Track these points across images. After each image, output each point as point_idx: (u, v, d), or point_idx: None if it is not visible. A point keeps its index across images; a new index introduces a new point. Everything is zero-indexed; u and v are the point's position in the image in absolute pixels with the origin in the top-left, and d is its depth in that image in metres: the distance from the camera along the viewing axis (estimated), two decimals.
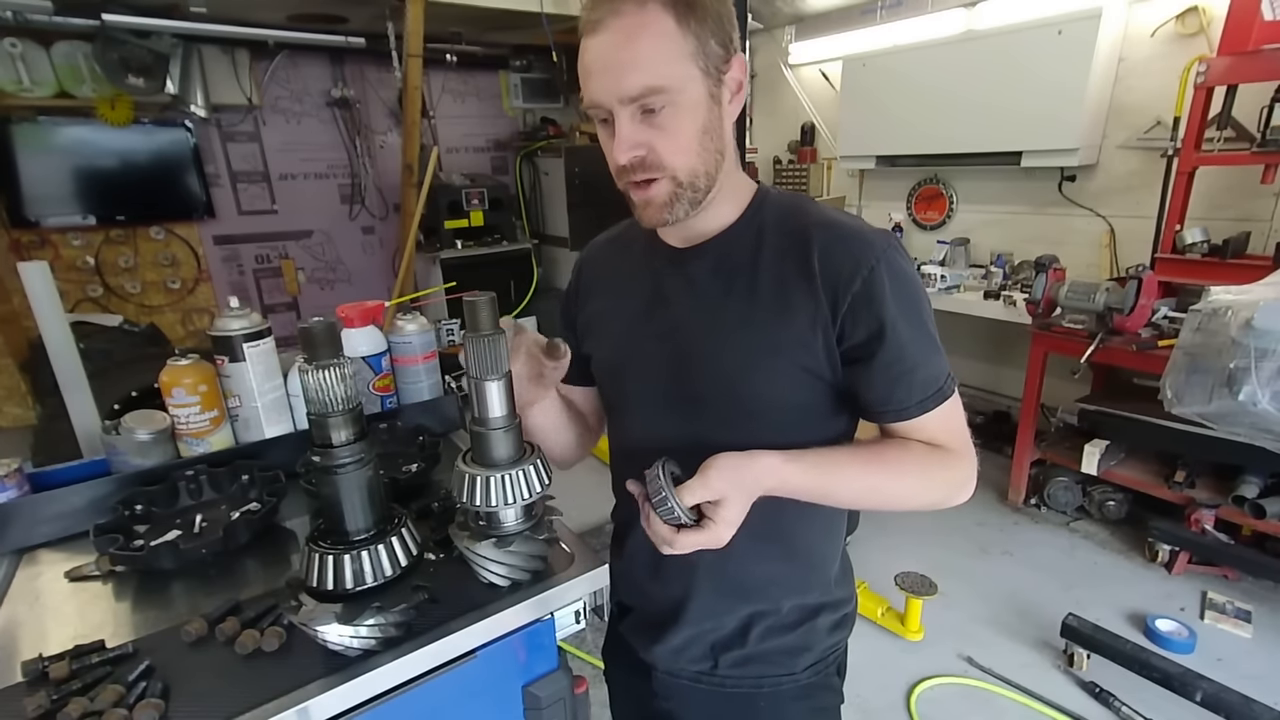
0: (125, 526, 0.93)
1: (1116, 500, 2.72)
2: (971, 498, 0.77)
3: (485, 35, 4.52)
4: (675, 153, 0.69)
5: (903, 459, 0.73)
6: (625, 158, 0.69)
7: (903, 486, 0.73)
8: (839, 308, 0.70)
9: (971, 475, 0.76)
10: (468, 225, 4.65)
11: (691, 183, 0.71)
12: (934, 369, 0.73)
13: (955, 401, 0.75)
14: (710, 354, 0.76)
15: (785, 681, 0.85)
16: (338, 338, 0.67)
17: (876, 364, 0.71)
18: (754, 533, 0.80)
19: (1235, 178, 2.55)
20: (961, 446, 0.76)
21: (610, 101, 0.67)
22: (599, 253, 0.94)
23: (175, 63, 3.79)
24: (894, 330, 0.70)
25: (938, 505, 0.76)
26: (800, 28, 4.05)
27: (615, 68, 0.65)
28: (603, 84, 0.66)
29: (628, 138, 0.68)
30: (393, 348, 1.25)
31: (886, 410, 0.74)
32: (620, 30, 0.64)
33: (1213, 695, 1.75)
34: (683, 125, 0.68)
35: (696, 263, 0.79)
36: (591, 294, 0.92)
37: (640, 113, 0.67)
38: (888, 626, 2.22)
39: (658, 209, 0.72)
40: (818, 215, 0.75)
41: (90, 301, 4.15)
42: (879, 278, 0.69)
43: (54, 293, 1.13)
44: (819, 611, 0.86)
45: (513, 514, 0.76)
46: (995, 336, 3.42)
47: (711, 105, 0.69)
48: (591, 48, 0.66)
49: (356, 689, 0.66)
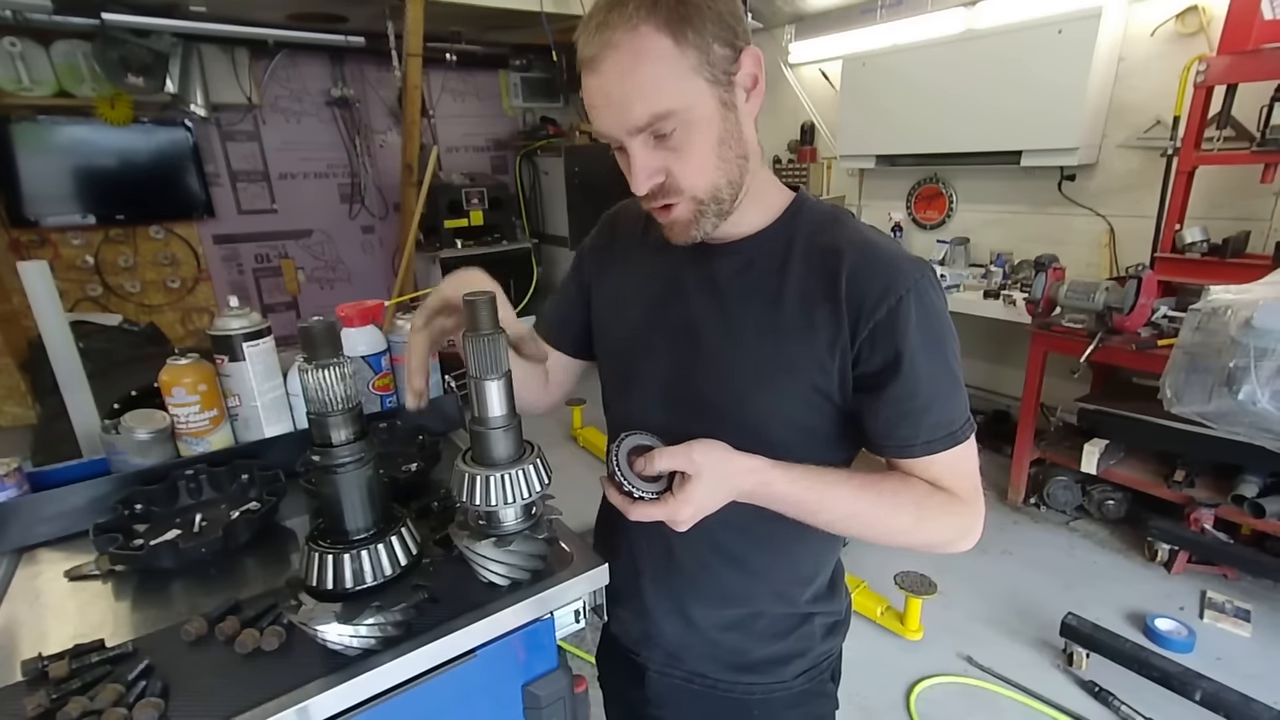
0: (125, 526, 0.93)
1: (1116, 499, 2.72)
2: None
3: (485, 35, 4.52)
4: (692, 174, 0.67)
5: (900, 493, 0.70)
6: (644, 187, 0.68)
7: (895, 521, 0.70)
8: (859, 332, 0.68)
9: (975, 525, 0.73)
10: (467, 225, 4.65)
11: (714, 197, 0.69)
12: (950, 411, 0.70)
13: (968, 446, 0.72)
14: (721, 357, 0.74)
15: (778, 689, 0.85)
16: (337, 337, 0.67)
17: (887, 395, 0.69)
18: (749, 539, 0.80)
19: (1235, 177, 2.55)
20: (968, 494, 0.72)
21: (619, 134, 0.66)
22: (631, 220, 0.90)
23: (175, 62, 3.79)
24: (911, 364, 0.67)
25: (933, 549, 0.73)
26: (800, 27, 4.05)
27: (619, 102, 0.63)
28: (609, 118, 0.65)
29: (644, 166, 0.66)
30: (393, 347, 1.25)
31: (888, 445, 0.71)
32: (617, 64, 0.62)
33: (1212, 694, 1.75)
34: (697, 144, 0.66)
35: (721, 261, 0.77)
36: (614, 261, 0.89)
37: (652, 139, 0.66)
38: (887, 626, 2.22)
39: (683, 228, 0.71)
40: (854, 233, 0.72)
41: (90, 301, 4.16)
42: (906, 308, 0.67)
43: (54, 292, 1.12)
44: (811, 618, 0.85)
45: (512, 513, 0.76)
46: (995, 336, 3.42)
47: (725, 114, 0.67)
48: (593, 85, 0.65)
49: (356, 688, 0.66)
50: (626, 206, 0.91)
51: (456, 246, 4.60)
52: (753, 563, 0.81)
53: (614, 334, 0.86)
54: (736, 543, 0.80)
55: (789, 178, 4.15)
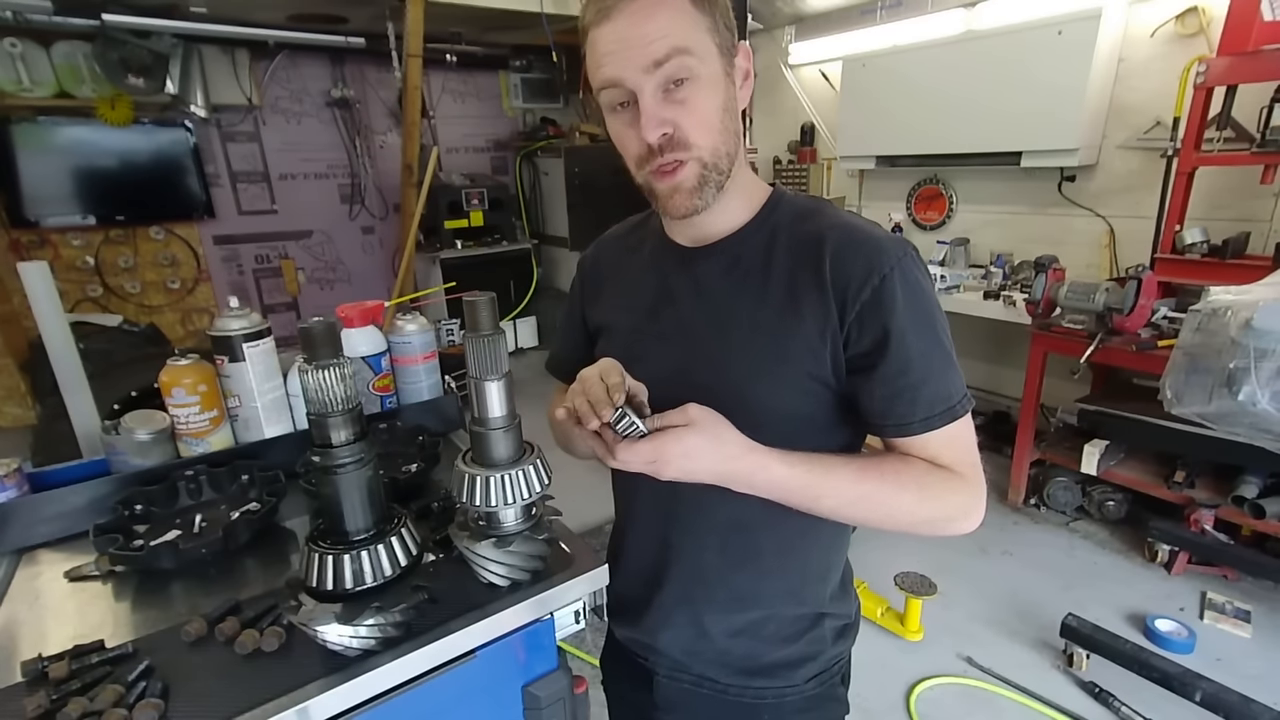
0: (125, 526, 0.93)
1: (1116, 500, 2.72)
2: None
3: (485, 35, 4.52)
4: (701, 129, 0.67)
5: (901, 473, 0.70)
6: (654, 134, 0.66)
7: (898, 501, 0.69)
8: (846, 314, 0.68)
9: (978, 504, 0.72)
10: (468, 225, 4.66)
11: (716, 164, 0.69)
12: (945, 386, 0.69)
13: (966, 423, 0.71)
14: (716, 356, 0.74)
15: (789, 693, 0.83)
16: (337, 338, 0.67)
17: (879, 375, 0.68)
18: (759, 536, 0.79)
19: (1235, 178, 2.55)
20: (969, 471, 0.72)
21: (633, 75, 0.64)
22: (608, 251, 0.92)
23: (175, 63, 3.79)
24: (901, 341, 0.67)
25: (936, 529, 0.72)
26: (800, 28, 4.05)
27: (637, 41, 0.63)
28: (624, 59, 0.64)
29: (654, 115, 0.65)
30: (392, 348, 1.25)
31: (887, 424, 0.71)
32: (637, 10, 0.63)
33: (1212, 695, 1.75)
34: (706, 100, 0.67)
35: (706, 263, 0.77)
36: (601, 292, 0.89)
37: (662, 91, 0.65)
38: (887, 626, 2.22)
39: (687, 194, 0.70)
40: (833, 219, 0.73)
41: (90, 301, 4.16)
42: (891, 286, 0.67)
43: (54, 293, 1.12)
44: (822, 620, 0.84)
45: (512, 514, 0.76)
46: (995, 336, 3.42)
47: (728, 84, 0.69)
48: (607, 32, 0.65)
49: (356, 689, 0.66)
50: (600, 239, 0.93)
51: (456, 247, 4.60)
52: (764, 561, 0.80)
53: (610, 349, 0.84)
54: (747, 542, 0.80)
55: (789, 178, 4.18)
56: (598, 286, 0.90)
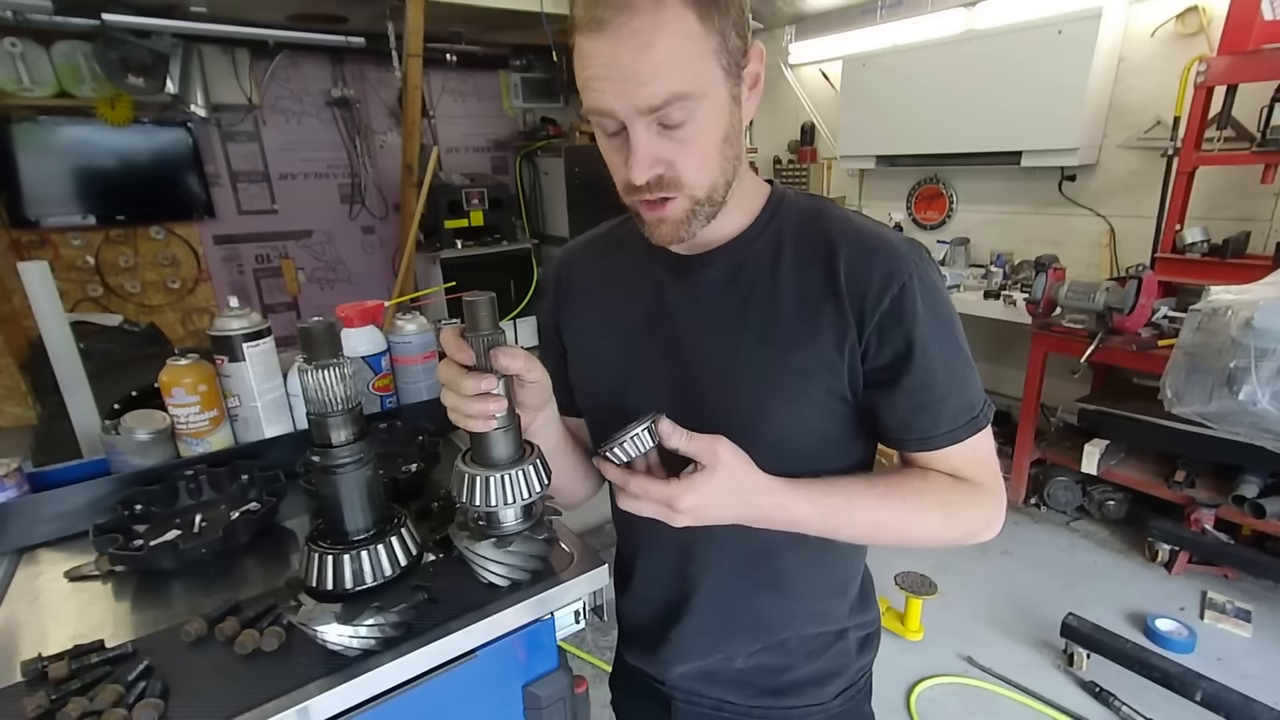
0: (125, 526, 0.93)
1: (1116, 500, 2.72)
2: None
3: (485, 35, 4.52)
4: (696, 169, 0.61)
5: (924, 492, 0.66)
6: (644, 177, 0.60)
7: (923, 523, 0.66)
8: (865, 326, 0.64)
9: (999, 513, 0.70)
10: (468, 225, 4.65)
11: (710, 197, 0.63)
12: (967, 397, 0.67)
13: (987, 432, 0.68)
14: (724, 376, 0.69)
15: (816, 712, 0.80)
16: (337, 337, 0.67)
17: (901, 388, 0.65)
18: (786, 557, 0.76)
19: (1235, 177, 2.55)
20: (991, 481, 0.69)
21: (625, 112, 0.57)
22: (580, 257, 0.83)
23: (175, 62, 3.79)
24: (924, 353, 0.64)
25: (960, 543, 0.69)
26: (800, 27, 4.05)
27: (633, 77, 0.55)
28: (615, 91, 0.57)
29: (646, 155, 0.59)
30: (392, 347, 1.25)
31: (909, 439, 0.67)
32: (635, 33, 0.54)
33: (1212, 695, 1.75)
34: (705, 137, 0.60)
35: (705, 271, 0.71)
36: (578, 311, 0.81)
37: (658, 125, 0.59)
38: (888, 626, 2.22)
39: (673, 227, 0.64)
40: (841, 221, 0.68)
41: (90, 301, 4.16)
42: (911, 295, 0.63)
43: (54, 292, 1.12)
44: (846, 633, 0.81)
45: (512, 514, 0.76)
46: (995, 336, 3.42)
47: (733, 109, 0.62)
48: (599, 52, 0.56)
49: (356, 689, 0.66)
50: (567, 250, 0.86)
51: (457, 247, 4.60)
52: (791, 583, 0.77)
53: (599, 373, 0.79)
54: (773, 568, 0.76)
55: (789, 178, 4.18)
56: (572, 305, 0.82)
